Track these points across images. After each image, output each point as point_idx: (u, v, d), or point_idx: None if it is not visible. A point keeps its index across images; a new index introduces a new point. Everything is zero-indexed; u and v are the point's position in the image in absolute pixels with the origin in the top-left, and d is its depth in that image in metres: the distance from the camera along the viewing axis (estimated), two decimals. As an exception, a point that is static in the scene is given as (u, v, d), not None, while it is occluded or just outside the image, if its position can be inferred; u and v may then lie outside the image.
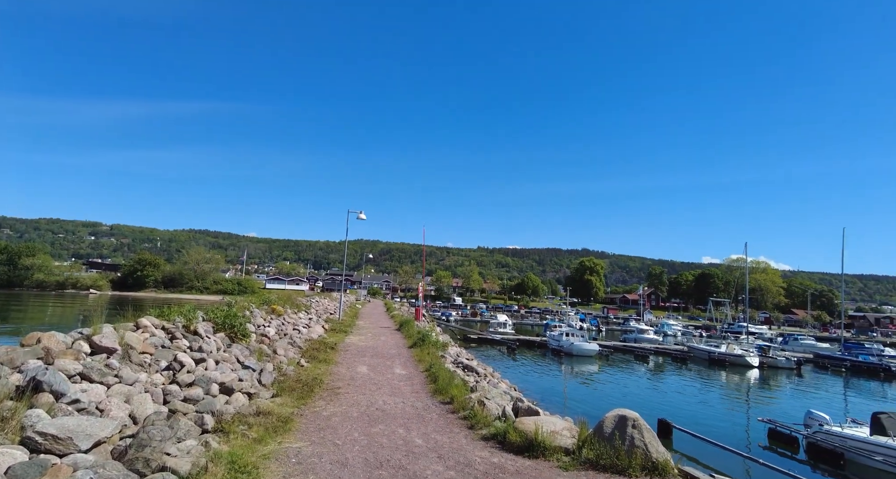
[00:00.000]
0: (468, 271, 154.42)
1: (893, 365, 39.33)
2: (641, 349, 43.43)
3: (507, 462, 6.22)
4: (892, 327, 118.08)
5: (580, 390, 25.78)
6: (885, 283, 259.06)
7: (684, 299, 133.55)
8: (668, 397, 25.59)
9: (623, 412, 6.69)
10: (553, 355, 38.47)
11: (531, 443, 6.65)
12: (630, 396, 24.55)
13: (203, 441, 5.15)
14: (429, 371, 12.09)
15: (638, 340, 51.64)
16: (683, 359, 40.39)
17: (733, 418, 21.05)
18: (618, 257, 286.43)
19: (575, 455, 6.49)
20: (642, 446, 6.24)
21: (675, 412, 19.96)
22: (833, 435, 14.42)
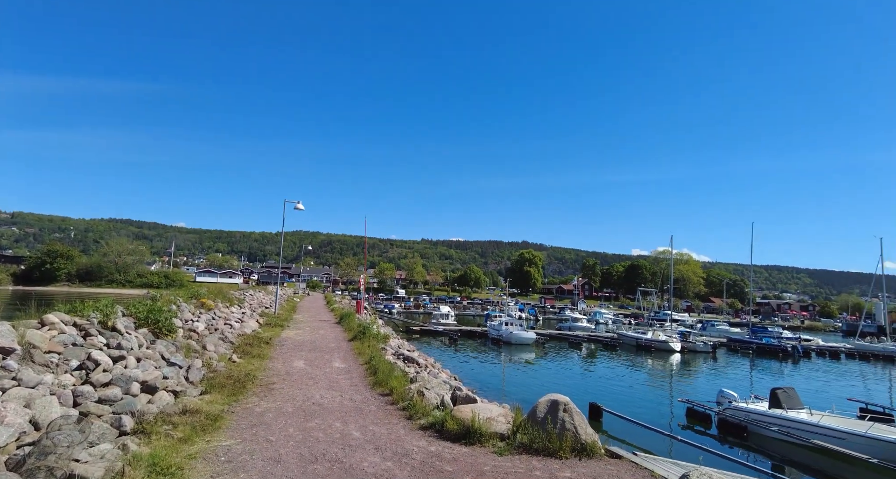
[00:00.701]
0: (412, 263, 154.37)
1: (790, 346, 43.96)
2: (575, 337, 45.52)
3: (445, 450, 6.31)
4: (791, 312, 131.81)
5: (518, 377, 26.63)
6: (786, 272, 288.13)
7: (615, 289, 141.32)
8: (600, 381, 27.04)
9: (555, 396, 6.98)
10: (493, 344, 39.40)
11: (468, 430, 6.79)
12: (564, 381, 25.70)
13: (120, 444, 4.79)
14: (369, 364, 11.98)
15: (572, 328, 54.07)
16: (613, 346, 42.80)
17: (657, 399, 22.59)
18: (555, 249, 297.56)
19: (510, 440, 6.70)
20: (572, 428, 6.55)
21: (606, 396, 21.14)
22: (739, 411, 15.90)
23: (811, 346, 48.00)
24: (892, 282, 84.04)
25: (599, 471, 5.80)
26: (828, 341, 53.91)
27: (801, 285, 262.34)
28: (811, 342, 50.09)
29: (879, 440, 12.56)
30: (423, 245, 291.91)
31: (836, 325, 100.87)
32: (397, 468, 5.59)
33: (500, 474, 5.56)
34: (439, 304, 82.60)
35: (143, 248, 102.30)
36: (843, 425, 13.66)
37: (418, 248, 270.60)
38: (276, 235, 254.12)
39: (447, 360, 29.03)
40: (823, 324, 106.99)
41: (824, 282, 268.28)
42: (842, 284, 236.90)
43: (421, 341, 39.07)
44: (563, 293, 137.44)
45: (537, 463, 5.98)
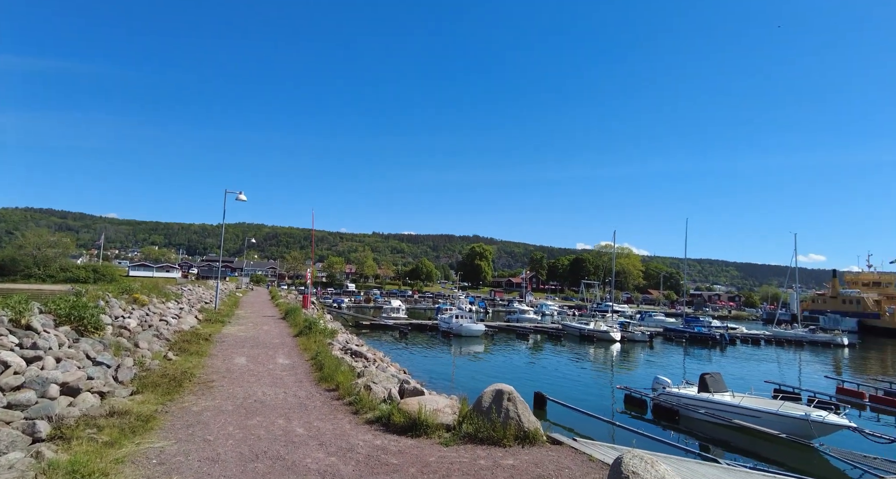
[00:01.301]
0: (362, 256, 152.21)
1: (718, 334, 47.35)
2: (522, 328, 46.78)
3: (390, 444, 6.30)
4: (720, 302, 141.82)
5: (467, 368, 27.03)
6: (716, 265, 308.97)
7: (561, 282, 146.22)
8: (545, 371, 27.95)
9: (500, 386, 7.13)
10: (443, 337, 39.73)
11: (414, 423, 6.81)
12: (511, 371, 26.35)
13: (34, 452, 4.43)
14: (315, 359, 11.74)
15: (520, 320, 55.49)
16: (558, 336, 44.35)
17: (598, 387, 23.64)
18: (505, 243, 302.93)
19: (455, 431, 6.79)
20: (516, 417, 6.73)
21: (550, 385, 21.89)
22: (671, 395, 16.96)
23: (736, 334, 51.90)
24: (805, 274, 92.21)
25: (541, 457, 5.99)
26: (750, 329, 58.46)
27: (729, 278, 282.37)
28: (736, 331, 54.14)
29: (788, 417, 13.81)
30: (375, 239, 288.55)
31: (757, 314, 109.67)
32: (342, 463, 5.52)
33: (445, 464, 5.62)
34: (390, 298, 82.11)
35: (67, 240, 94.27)
36: (759, 405, 14.90)
37: (369, 241, 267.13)
38: (217, 228, 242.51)
39: (397, 354, 28.97)
40: (747, 313, 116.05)
41: (749, 274, 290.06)
42: (764, 276, 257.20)
43: (371, 335, 38.73)
44: (512, 286, 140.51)
45: (482, 452, 6.10)
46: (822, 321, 70.06)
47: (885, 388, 23.30)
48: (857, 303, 75.55)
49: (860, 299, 75.72)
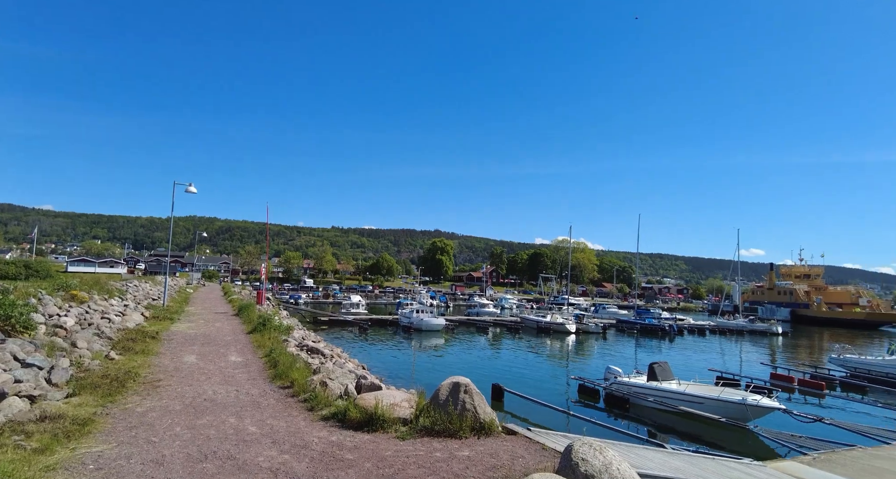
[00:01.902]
0: (321, 251, 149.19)
1: (667, 325, 49.66)
2: (482, 322, 47.38)
3: (346, 439, 6.24)
4: (669, 295, 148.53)
5: (428, 362, 27.11)
6: (666, 259, 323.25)
7: (520, 276, 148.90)
8: (504, 363, 28.44)
9: (457, 379, 7.18)
10: (404, 332, 39.64)
11: (371, 418, 6.76)
12: (471, 364, 26.65)
13: (-48, 461, 4.08)
14: (269, 356, 11.44)
15: (480, 313, 56.15)
16: (517, 329, 45.21)
17: (554, 377, 24.31)
18: (466, 238, 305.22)
19: (412, 424, 6.79)
20: (472, 409, 6.81)
21: (508, 376, 22.31)
22: (622, 384, 17.67)
23: (684, 325, 54.62)
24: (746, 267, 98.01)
25: (496, 448, 6.09)
26: (697, 320, 61.64)
27: (678, 271, 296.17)
28: (684, 322, 56.97)
29: (727, 402, 14.70)
30: (334, 233, 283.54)
31: (703, 306, 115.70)
32: (295, 461, 5.41)
33: (402, 457, 5.62)
34: (350, 293, 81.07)
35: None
36: (702, 391, 15.76)
37: (328, 236, 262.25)
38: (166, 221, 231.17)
39: (357, 350, 28.68)
40: (695, 305, 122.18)
41: (697, 268, 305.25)
42: (710, 269, 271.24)
43: (329, 331, 38.13)
44: (473, 280, 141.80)
45: (438, 445, 6.13)
46: (761, 312, 74.86)
47: (812, 372, 25.22)
48: (790, 294, 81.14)
49: (793, 290, 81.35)
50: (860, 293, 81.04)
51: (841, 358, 27.07)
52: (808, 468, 8.93)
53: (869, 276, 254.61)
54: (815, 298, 78.24)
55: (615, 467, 4.62)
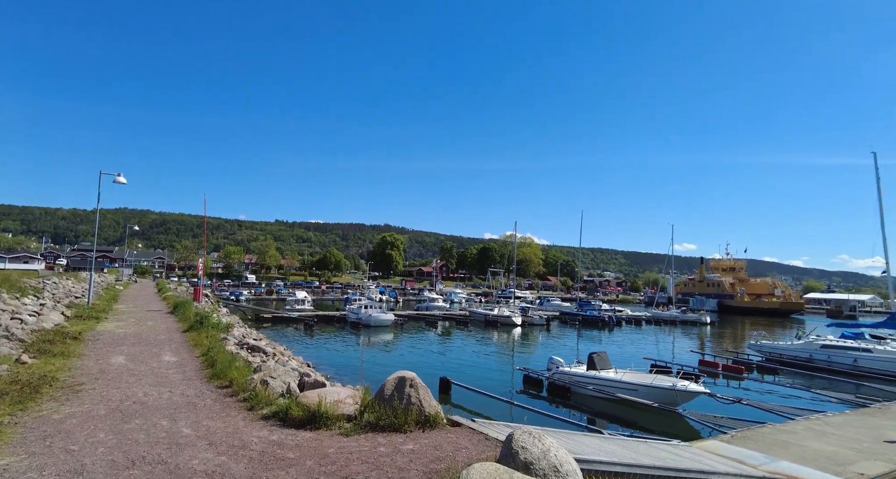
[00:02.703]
0: (264, 246, 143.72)
1: (607, 316, 52.10)
2: (432, 316, 47.66)
3: (288, 438, 6.09)
4: (609, 288, 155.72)
5: (376, 358, 26.93)
6: (607, 254, 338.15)
7: (469, 270, 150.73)
8: (452, 356, 28.76)
9: (403, 373, 7.19)
10: (352, 328, 39.12)
11: (314, 415, 6.64)
12: (420, 358, 26.75)
13: None
14: (206, 356, 10.93)
15: (429, 308, 56.41)
16: (465, 322, 45.86)
17: (501, 369, 24.87)
18: (416, 232, 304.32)
19: (357, 421, 6.73)
20: (418, 403, 6.84)
21: (457, 369, 22.59)
22: (564, 374, 18.37)
23: (622, 316, 57.48)
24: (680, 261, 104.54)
25: (440, 440, 6.16)
26: (634, 312, 65.06)
27: (617, 265, 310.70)
28: (622, 313, 59.95)
29: (659, 388, 15.67)
30: (278, 227, 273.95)
31: (640, 298, 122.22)
32: (233, 462, 5.22)
33: (345, 454, 5.57)
34: (295, 289, 78.81)
35: None
36: (637, 379, 16.69)
37: (272, 230, 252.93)
38: (91, 213, 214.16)
39: (302, 347, 28.00)
40: (632, 297, 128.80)
41: (634, 261, 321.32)
42: (647, 263, 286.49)
43: (273, 329, 36.98)
44: (422, 275, 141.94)
45: (382, 439, 6.12)
46: (692, 303, 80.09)
47: (734, 358, 27.35)
48: (718, 286, 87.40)
49: (720, 282, 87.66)
50: (776, 285, 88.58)
51: (758, 344, 29.54)
52: (727, 446, 9.69)
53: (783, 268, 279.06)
54: (739, 289, 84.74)
55: (553, 453, 4.81)
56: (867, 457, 9.32)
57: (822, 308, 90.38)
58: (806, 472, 8.32)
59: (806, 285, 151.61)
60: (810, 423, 12.03)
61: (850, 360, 24.32)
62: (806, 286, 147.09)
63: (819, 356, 25.56)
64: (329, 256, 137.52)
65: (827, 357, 25.23)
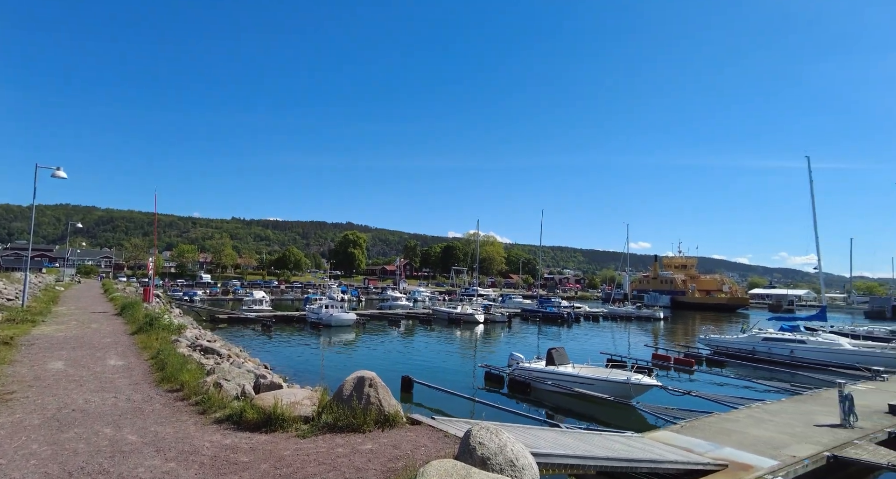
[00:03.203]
0: (219, 244, 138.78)
1: (566, 313, 53.42)
2: (394, 315, 47.40)
3: (242, 442, 5.92)
4: (568, 285, 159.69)
5: (337, 358, 26.53)
6: (567, 252, 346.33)
7: (433, 269, 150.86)
8: (415, 355, 28.71)
9: (362, 373, 7.13)
10: (312, 328, 38.38)
11: (269, 417, 6.49)
12: (382, 358, 26.55)
13: None
14: (156, 359, 10.46)
15: (392, 307, 56.10)
16: (428, 321, 45.87)
17: (463, 366, 25.03)
18: (380, 231, 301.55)
19: (314, 422, 6.63)
20: (377, 402, 6.80)
21: (420, 368, 22.57)
22: (524, 370, 18.69)
23: (580, 312, 59.07)
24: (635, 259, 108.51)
25: (399, 439, 6.16)
26: (592, 308, 66.94)
27: (576, 262, 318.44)
28: (581, 309, 61.60)
29: (614, 381, 16.21)
30: (234, 225, 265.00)
31: (598, 294, 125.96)
32: (182, 468, 5.03)
33: (301, 456, 5.47)
34: (252, 289, 76.53)
35: None
36: (594, 373, 17.20)
37: (228, 228, 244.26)
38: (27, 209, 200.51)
39: (259, 348, 27.26)
40: (590, 294, 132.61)
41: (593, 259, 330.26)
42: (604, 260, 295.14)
43: (229, 330, 35.80)
44: (386, 274, 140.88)
45: (341, 440, 6.05)
46: (646, 299, 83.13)
47: (685, 352, 28.63)
48: (671, 282, 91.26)
49: (673, 279, 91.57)
50: (724, 281, 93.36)
51: (706, 338, 31.05)
52: (676, 435, 10.15)
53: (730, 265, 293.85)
54: (690, 285, 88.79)
55: (509, 448, 4.90)
56: (799, 441, 9.99)
57: (765, 303, 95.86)
58: (746, 457, 8.83)
59: (750, 282, 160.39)
60: (751, 411, 12.78)
61: (788, 351, 25.95)
62: (751, 283, 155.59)
63: (761, 349, 27.13)
64: (289, 254, 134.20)
65: (767, 349, 26.82)
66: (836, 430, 10.88)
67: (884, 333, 34.61)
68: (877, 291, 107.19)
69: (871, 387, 16.75)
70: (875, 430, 11.00)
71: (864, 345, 26.69)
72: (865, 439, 10.33)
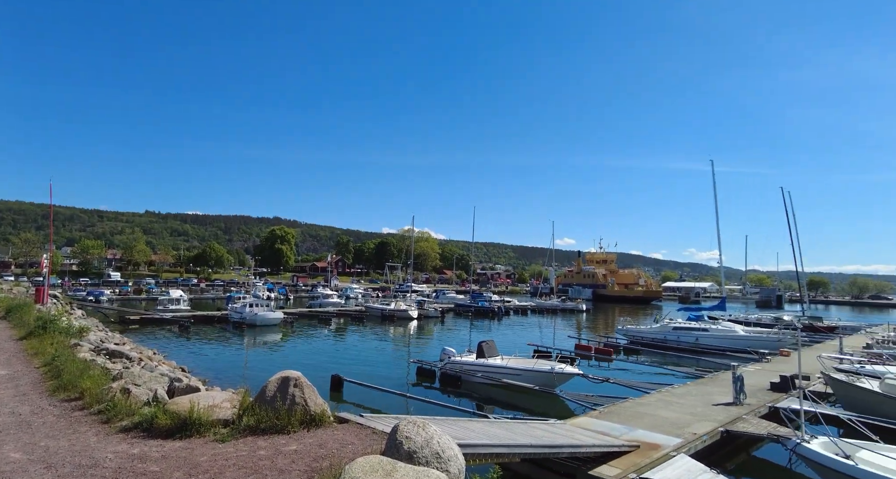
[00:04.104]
0: (131, 239, 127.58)
1: (497, 307, 54.97)
2: (325, 313, 46.19)
3: (152, 450, 5.51)
4: (500, 280, 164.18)
5: (263, 359, 25.40)
6: (498, 248, 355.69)
7: (367, 265, 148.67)
8: (347, 353, 28.20)
9: (286, 373, 6.89)
10: (235, 328, 36.46)
11: (185, 423, 6.11)
12: (312, 357, 25.79)
13: None
14: (50, 365, 9.43)
15: (323, 305, 54.61)
16: (361, 318, 45.20)
17: (396, 363, 24.93)
18: (310, 226, 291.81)
19: (235, 425, 6.32)
20: (302, 402, 6.60)
21: (352, 366, 22.20)
22: (455, 363, 19.01)
23: (510, 306, 61.00)
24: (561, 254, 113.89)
25: (326, 438, 6.03)
26: (521, 302, 69.38)
27: (507, 258, 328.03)
28: (510, 303, 63.62)
29: (539, 371, 16.95)
30: (148, 219, 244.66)
31: (527, 289, 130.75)
32: (79, 485, 4.59)
33: (219, 461, 5.19)
34: (169, 288, 71.17)
35: None
36: (521, 364, 17.86)
37: (141, 222, 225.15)
38: None
39: (177, 350, 25.50)
40: (520, 288, 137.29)
41: (522, 255, 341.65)
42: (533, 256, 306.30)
43: (142, 331, 33.14)
44: (316, 271, 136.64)
45: (263, 443, 5.82)
46: (571, 292, 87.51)
47: (605, 341, 30.52)
48: (593, 277, 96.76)
49: (594, 273, 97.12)
50: (640, 275, 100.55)
51: (624, 329, 33.33)
52: (595, 420, 10.81)
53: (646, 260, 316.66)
54: (610, 279, 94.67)
55: (436, 441, 4.97)
56: (699, 419, 11.05)
57: (676, 295, 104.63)
58: (655, 437, 9.61)
59: (663, 276, 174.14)
60: (661, 395, 13.91)
61: (693, 339, 28.53)
62: (663, 276, 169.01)
63: (671, 337, 29.58)
64: (209, 250, 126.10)
65: (676, 337, 29.30)
66: (729, 408, 12.14)
67: (769, 320, 39.14)
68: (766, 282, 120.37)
69: (758, 368, 18.89)
70: (759, 405, 12.41)
71: (754, 331, 30.00)
72: (752, 414, 11.63)
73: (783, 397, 13.41)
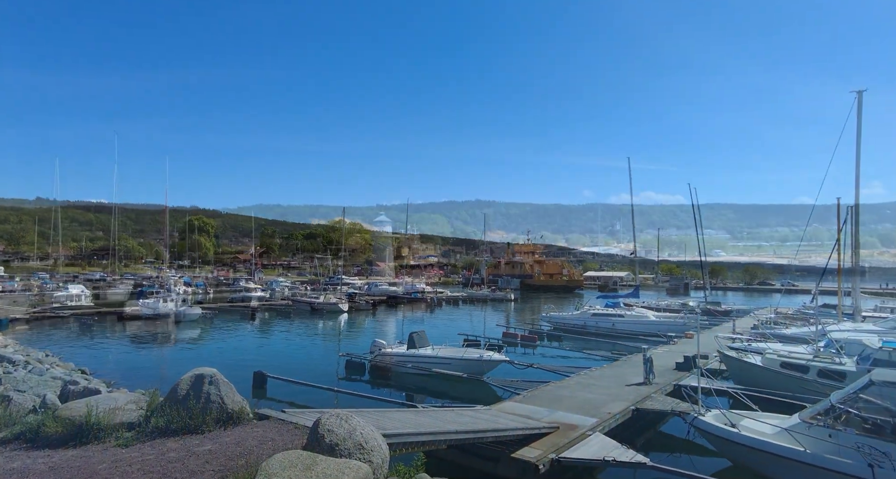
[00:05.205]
0: (18, 229, 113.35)
1: (429, 298, 55.42)
2: (248, 307, 44.01)
3: (38, 462, 4.97)
4: (433, 271, 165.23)
5: (179, 357, 23.73)
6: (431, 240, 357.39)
7: (295, 257, 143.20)
8: (272, 348, 27.10)
9: (200, 371, 6.51)
10: (147, 325, 33.72)
11: (81, 429, 5.58)
12: (233, 354, 24.50)
13: None
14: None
15: (246, 299, 51.97)
16: (288, 312, 43.61)
17: (324, 357, 24.32)
18: (232, 216, 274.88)
19: (141, 428, 5.89)
20: (218, 400, 6.27)
21: (277, 361, 21.35)
22: (385, 355, 18.93)
23: (443, 296, 61.68)
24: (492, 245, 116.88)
25: (244, 435, 5.78)
26: (453, 292, 70.36)
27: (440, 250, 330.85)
28: (443, 294, 64.32)
29: (468, 359, 17.36)
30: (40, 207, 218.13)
31: (459, 279, 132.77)
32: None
33: (122, 467, 4.81)
34: (67, 283, 64.16)
35: None
36: (451, 353, 18.16)
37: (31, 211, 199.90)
38: None
39: (77, 350, 23.15)
40: (452, 279, 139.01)
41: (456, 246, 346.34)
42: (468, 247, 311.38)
43: (33, 331, 29.71)
44: (240, 263, 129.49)
45: (174, 444, 5.47)
46: (500, 282, 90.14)
47: (530, 329, 31.82)
48: (521, 267, 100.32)
49: (522, 263, 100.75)
50: (564, 265, 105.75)
51: (548, 316, 34.95)
52: (519, 405, 11.26)
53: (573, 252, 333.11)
54: (537, 269, 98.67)
55: (359, 432, 4.93)
56: (614, 399, 11.88)
57: (596, 284, 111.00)
58: (573, 418, 10.19)
59: (585, 266, 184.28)
60: (580, 378, 14.78)
61: (610, 324, 30.53)
62: (585, 266, 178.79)
63: (590, 323, 31.45)
64: (117, 243, 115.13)
65: (595, 323, 31.21)
66: (640, 388, 13.16)
67: (677, 306, 42.80)
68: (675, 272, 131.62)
69: (667, 349, 20.62)
70: (666, 384, 13.58)
71: (663, 316, 32.66)
72: (659, 392, 12.70)
73: (686, 375, 14.76)
